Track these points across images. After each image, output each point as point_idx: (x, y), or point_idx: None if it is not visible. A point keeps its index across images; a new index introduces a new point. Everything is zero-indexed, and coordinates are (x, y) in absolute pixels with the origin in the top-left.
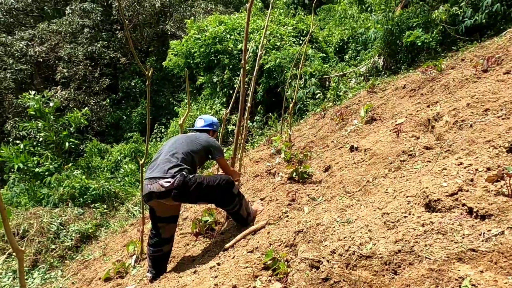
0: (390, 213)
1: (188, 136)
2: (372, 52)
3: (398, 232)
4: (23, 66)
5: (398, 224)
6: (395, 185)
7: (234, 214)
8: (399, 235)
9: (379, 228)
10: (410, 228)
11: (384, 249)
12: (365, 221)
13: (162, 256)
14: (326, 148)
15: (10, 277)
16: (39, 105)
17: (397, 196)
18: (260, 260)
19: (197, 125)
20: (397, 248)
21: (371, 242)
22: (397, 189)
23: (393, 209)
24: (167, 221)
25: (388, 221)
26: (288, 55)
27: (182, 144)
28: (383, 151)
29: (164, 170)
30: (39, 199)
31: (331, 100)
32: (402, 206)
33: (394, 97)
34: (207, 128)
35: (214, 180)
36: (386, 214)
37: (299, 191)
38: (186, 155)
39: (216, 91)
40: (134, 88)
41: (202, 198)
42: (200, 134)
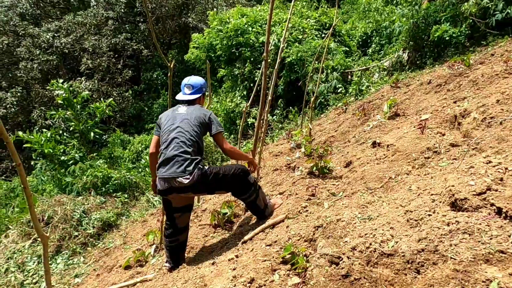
0: (414, 211)
1: (186, 115)
2: (396, 46)
3: (421, 231)
4: (50, 57)
5: (421, 222)
6: (419, 182)
7: (251, 204)
8: (423, 233)
9: (402, 226)
10: (434, 227)
11: (406, 247)
12: (387, 218)
13: (178, 245)
14: (347, 143)
15: (35, 261)
16: (68, 94)
17: (421, 194)
18: (278, 254)
19: (185, 92)
20: (420, 247)
21: (393, 239)
22: (421, 186)
23: (417, 207)
24: (183, 210)
25: (411, 219)
26: (310, 48)
27: (186, 129)
28: (407, 147)
29: (181, 169)
30: (63, 187)
31: (353, 94)
32: (426, 204)
33: (419, 92)
34: (198, 94)
35: (230, 169)
36: (409, 211)
37: (319, 186)
38: (194, 142)
39: (237, 83)
40: (156, 80)
41: (219, 187)
42: (193, 108)
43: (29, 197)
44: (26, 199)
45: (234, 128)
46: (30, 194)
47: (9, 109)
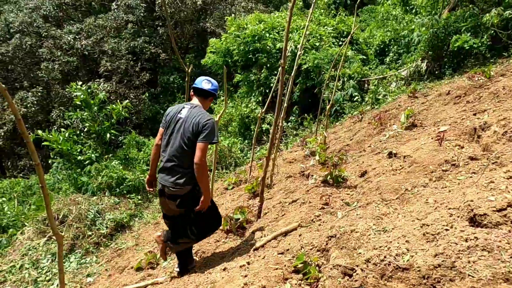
0: (430, 224)
1: (184, 121)
2: (415, 55)
3: (438, 246)
4: (70, 59)
5: (438, 237)
6: (436, 195)
7: (186, 250)
8: (440, 248)
9: (418, 240)
10: (452, 242)
11: (422, 262)
12: (402, 231)
13: (181, 251)
14: (363, 152)
15: (49, 259)
16: (85, 96)
17: (438, 208)
18: (290, 263)
19: (203, 86)
20: (436, 262)
21: (408, 253)
22: (438, 200)
23: (434, 220)
24: (171, 220)
25: (428, 233)
26: (327, 56)
27: (180, 138)
28: (424, 159)
29: (172, 180)
30: (79, 186)
31: (369, 103)
32: (444, 219)
33: (437, 103)
34: (213, 92)
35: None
36: (425, 225)
37: (333, 195)
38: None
39: (253, 89)
40: (172, 84)
41: (196, 214)
42: (195, 112)
43: (46, 196)
44: (44, 198)
45: (248, 133)
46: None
47: (29, 108)
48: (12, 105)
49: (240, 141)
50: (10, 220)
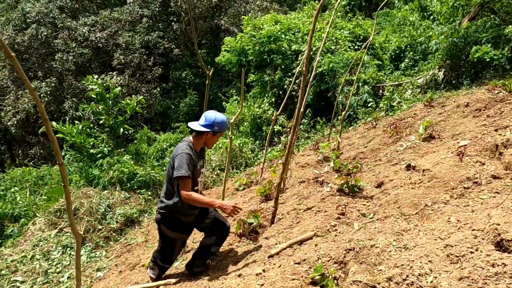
0: (454, 245)
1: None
2: (432, 63)
3: (463, 268)
4: (84, 50)
5: (463, 259)
6: (459, 214)
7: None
8: (465, 272)
9: (441, 261)
10: (477, 266)
11: (447, 284)
12: (424, 250)
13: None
14: (378, 162)
15: (59, 251)
16: (101, 89)
17: (462, 228)
18: (308, 274)
19: (191, 125)
20: (462, 286)
21: (431, 274)
22: (461, 219)
23: (457, 241)
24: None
25: (452, 254)
26: (342, 60)
27: (168, 173)
28: (444, 174)
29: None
30: (90, 180)
31: (384, 109)
32: (468, 240)
33: (455, 115)
34: (205, 129)
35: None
36: (449, 246)
37: (349, 205)
38: (167, 188)
39: (266, 90)
40: (184, 79)
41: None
42: (178, 146)
43: (68, 196)
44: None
45: (260, 134)
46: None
47: (43, 98)
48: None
49: (251, 142)
50: (22, 210)
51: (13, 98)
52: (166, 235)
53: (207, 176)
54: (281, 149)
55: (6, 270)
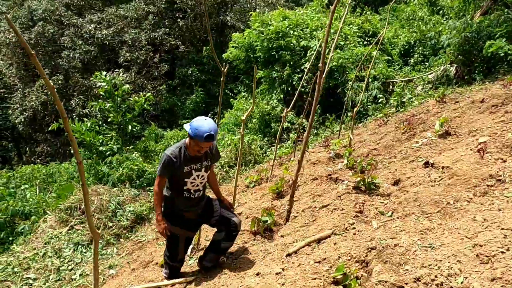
0: (483, 245)
1: None
2: (443, 58)
3: (495, 269)
4: (90, 48)
5: (494, 259)
6: (484, 213)
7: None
8: (497, 272)
9: (470, 261)
10: (510, 266)
11: (479, 285)
12: (451, 249)
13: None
14: (393, 159)
15: (71, 248)
16: (109, 87)
17: (489, 227)
18: (329, 273)
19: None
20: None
21: (461, 274)
22: (487, 218)
23: (486, 241)
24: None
25: (482, 254)
26: (351, 55)
27: None
28: (465, 172)
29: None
30: (100, 177)
31: (394, 106)
32: (498, 240)
33: (471, 111)
34: (187, 129)
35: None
36: (478, 245)
37: (366, 203)
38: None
39: (274, 87)
40: (190, 76)
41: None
42: (175, 144)
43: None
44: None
45: (268, 130)
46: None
47: (49, 96)
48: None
49: (259, 138)
50: (32, 207)
51: (20, 96)
52: (169, 230)
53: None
54: (290, 145)
55: (18, 267)
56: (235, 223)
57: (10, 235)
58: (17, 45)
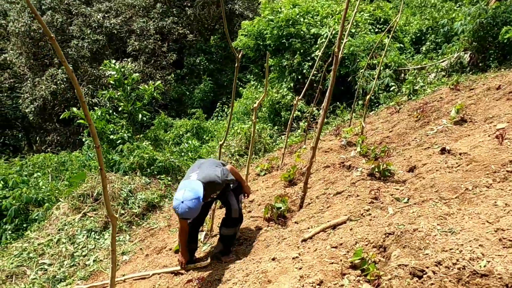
0: (506, 229)
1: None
2: (456, 45)
3: None
4: (99, 37)
5: None
6: (505, 198)
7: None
8: None
9: (493, 245)
10: None
11: (503, 269)
12: (473, 234)
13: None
14: (407, 146)
15: (84, 235)
16: (119, 76)
17: (511, 212)
18: (346, 258)
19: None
20: None
21: (484, 258)
22: (509, 203)
23: (509, 225)
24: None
25: (504, 238)
26: (363, 43)
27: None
28: (484, 158)
29: None
30: (111, 165)
31: (406, 94)
32: None
33: (487, 98)
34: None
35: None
36: (500, 230)
37: (381, 189)
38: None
39: (284, 75)
40: (198, 65)
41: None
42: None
43: (104, 178)
44: (102, 180)
45: (278, 119)
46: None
47: (59, 85)
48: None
49: (269, 127)
50: (45, 195)
51: (30, 85)
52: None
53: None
54: (300, 134)
55: (33, 253)
56: (231, 210)
57: (25, 221)
58: (27, 35)
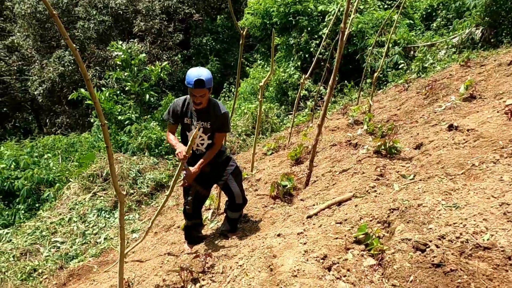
0: (511, 203)
1: None
2: (468, 21)
3: None
4: (105, 18)
5: None
6: (511, 173)
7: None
8: None
9: (497, 219)
10: None
11: (506, 242)
12: (477, 208)
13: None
14: (415, 123)
15: (95, 214)
16: (126, 56)
17: None
18: (350, 233)
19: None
20: None
21: (487, 232)
22: None
23: None
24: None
25: (509, 212)
26: (371, 20)
27: None
28: (492, 133)
29: None
30: (119, 146)
31: (415, 71)
32: None
33: (497, 74)
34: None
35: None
36: (505, 204)
37: (387, 166)
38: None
39: (291, 54)
40: (205, 45)
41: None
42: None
43: (110, 156)
44: (108, 158)
45: (285, 99)
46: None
47: (67, 67)
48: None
49: (276, 107)
50: (56, 175)
51: (38, 68)
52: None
53: (233, 141)
54: (307, 113)
55: (46, 231)
56: (233, 196)
57: (37, 201)
58: (33, 16)
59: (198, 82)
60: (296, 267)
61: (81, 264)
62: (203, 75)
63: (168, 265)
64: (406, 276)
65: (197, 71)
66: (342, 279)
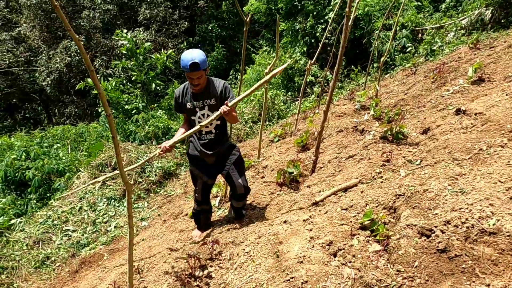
0: None
1: None
2: (478, 1)
3: None
4: (110, 6)
5: None
6: None
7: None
8: None
9: (503, 204)
10: None
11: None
12: (483, 193)
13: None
14: (422, 108)
15: (104, 203)
16: (131, 45)
17: None
18: (356, 219)
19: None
20: None
21: (493, 217)
22: None
23: None
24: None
25: None
26: (378, 2)
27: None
28: (500, 117)
29: None
30: (127, 135)
31: (423, 55)
32: None
33: (507, 56)
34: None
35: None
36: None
37: (394, 152)
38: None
39: (297, 39)
40: (210, 33)
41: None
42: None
43: (117, 146)
44: (115, 148)
45: (291, 85)
46: (118, 143)
47: (73, 57)
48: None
49: (282, 93)
50: (65, 165)
51: (45, 58)
52: (190, 171)
53: (240, 129)
54: (314, 99)
55: (57, 220)
56: (236, 187)
57: (48, 191)
58: (38, 7)
59: (193, 65)
60: (302, 253)
61: (92, 252)
62: (197, 57)
63: (176, 252)
64: (411, 261)
65: (190, 54)
66: (347, 265)
